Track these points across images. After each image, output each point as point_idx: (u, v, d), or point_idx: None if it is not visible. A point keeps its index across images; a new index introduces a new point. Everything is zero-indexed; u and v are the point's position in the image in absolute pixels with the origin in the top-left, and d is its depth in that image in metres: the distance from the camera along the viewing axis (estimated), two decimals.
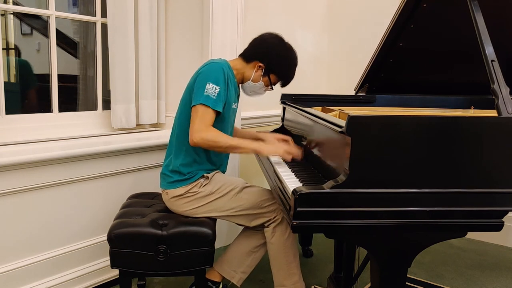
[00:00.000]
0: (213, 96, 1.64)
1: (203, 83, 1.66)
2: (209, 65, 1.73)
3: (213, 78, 1.67)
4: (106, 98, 2.26)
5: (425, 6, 1.77)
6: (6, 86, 1.90)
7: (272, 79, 1.83)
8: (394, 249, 1.31)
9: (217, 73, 1.68)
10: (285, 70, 1.83)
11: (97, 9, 2.23)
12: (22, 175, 1.76)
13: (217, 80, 1.67)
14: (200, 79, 1.69)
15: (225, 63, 1.76)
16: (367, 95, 2.27)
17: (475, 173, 1.25)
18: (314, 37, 3.37)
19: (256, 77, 1.82)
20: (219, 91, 1.66)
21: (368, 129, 1.20)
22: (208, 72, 1.69)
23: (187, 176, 1.74)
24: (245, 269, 1.87)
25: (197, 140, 1.62)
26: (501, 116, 1.28)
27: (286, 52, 1.81)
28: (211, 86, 1.65)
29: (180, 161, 1.75)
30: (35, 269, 1.86)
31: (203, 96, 1.64)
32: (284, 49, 1.81)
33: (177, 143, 1.77)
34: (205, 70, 1.71)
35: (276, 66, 1.81)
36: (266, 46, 1.80)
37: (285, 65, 1.82)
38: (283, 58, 1.81)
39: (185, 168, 1.74)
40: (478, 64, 1.46)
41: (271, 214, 1.73)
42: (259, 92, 1.89)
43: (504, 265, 2.52)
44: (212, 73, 1.68)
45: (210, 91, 1.64)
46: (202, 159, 1.76)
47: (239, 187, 1.75)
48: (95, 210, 2.06)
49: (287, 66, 1.83)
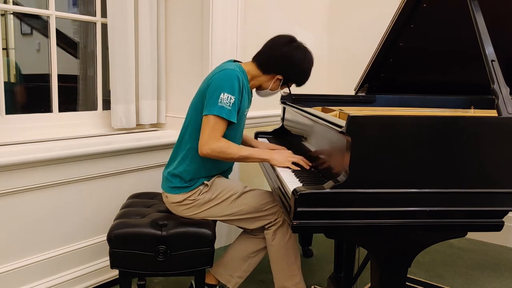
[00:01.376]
0: (228, 107, 1.59)
1: (218, 92, 1.60)
2: (223, 71, 1.65)
3: (228, 87, 1.60)
4: (106, 98, 2.26)
5: (425, 6, 1.77)
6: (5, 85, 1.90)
7: (290, 85, 1.82)
8: (394, 249, 1.31)
9: (231, 82, 1.61)
10: (303, 77, 1.79)
11: (97, 9, 2.23)
12: (22, 175, 1.76)
13: (232, 90, 1.61)
14: (214, 87, 1.62)
15: (240, 69, 1.69)
16: (367, 95, 2.27)
17: (475, 173, 1.25)
18: (314, 37, 3.37)
19: (274, 87, 1.79)
20: (234, 101, 1.61)
21: (368, 129, 1.20)
22: (223, 80, 1.62)
23: (188, 184, 1.71)
24: (241, 274, 1.85)
25: (208, 151, 1.59)
26: (501, 116, 1.28)
27: (305, 60, 1.74)
28: (226, 96, 1.59)
29: (185, 167, 1.71)
30: (35, 269, 1.86)
31: (217, 106, 1.58)
32: (303, 57, 1.73)
33: (185, 149, 1.73)
34: (219, 78, 1.64)
35: (296, 76, 1.77)
36: (285, 59, 1.72)
37: (304, 72, 1.77)
38: (303, 68, 1.75)
39: (187, 174, 1.71)
40: (478, 64, 1.46)
41: (272, 217, 1.72)
42: (273, 94, 1.87)
43: (504, 265, 2.52)
44: (226, 82, 1.61)
45: (225, 102, 1.59)
46: (208, 165, 1.73)
47: (238, 192, 1.73)
48: (95, 210, 2.06)
49: (306, 72, 1.78)
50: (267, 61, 1.75)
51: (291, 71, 1.75)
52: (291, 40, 1.74)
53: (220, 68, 1.70)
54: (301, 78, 1.79)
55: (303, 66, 1.75)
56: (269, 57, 1.74)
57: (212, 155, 1.61)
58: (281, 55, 1.72)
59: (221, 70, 1.66)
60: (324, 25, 3.45)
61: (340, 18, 3.42)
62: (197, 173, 1.72)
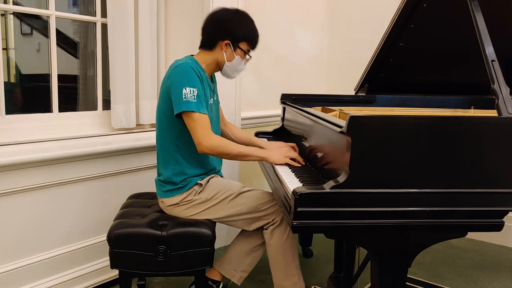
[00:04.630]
0: (193, 100, 1.59)
1: (179, 89, 1.59)
2: (177, 67, 1.65)
3: (187, 80, 1.60)
4: (106, 98, 2.26)
5: (425, 6, 1.77)
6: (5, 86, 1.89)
7: (243, 47, 1.76)
8: (394, 249, 1.31)
9: (188, 75, 1.62)
10: (248, 31, 1.76)
11: (97, 9, 2.23)
12: (22, 175, 1.76)
13: (192, 82, 1.61)
14: (175, 85, 1.61)
15: (191, 60, 1.70)
16: (367, 95, 2.28)
17: (475, 173, 1.25)
18: (314, 37, 3.37)
19: (229, 56, 1.75)
20: (198, 93, 1.60)
21: (368, 129, 1.20)
22: (180, 75, 1.62)
23: (180, 185, 1.72)
24: (245, 268, 1.87)
25: (206, 148, 1.60)
26: (501, 116, 1.28)
27: (238, 15, 1.75)
28: (189, 90, 1.59)
29: (171, 172, 1.72)
30: (35, 269, 1.86)
31: (183, 102, 1.58)
32: (234, 13, 1.75)
33: (163, 154, 1.75)
34: (175, 74, 1.63)
35: (238, 33, 1.74)
36: (218, 23, 1.73)
37: (245, 27, 1.75)
38: (239, 22, 1.74)
39: (176, 177, 1.72)
40: (478, 64, 1.46)
41: (270, 217, 1.72)
42: (240, 68, 1.81)
43: (504, 265, 2.52)
44: (184, 76, 1.61)
45: (189, 96, 1.58)
46: (192, 165, 1.74)
47: (236, 192, 1.73)
48: (95, 210, 2.06)
49: (247, 26, 1.76)
50: (206, 36, 1.76)
51: (229, 29, 1.73)
52: (216, 9, 1.78)
53: (173, 65, 1.69)
54: (246, 33, 1.75)
55: (237, 19, 1.74)
56: (206, 32, 1.76)
57: (210, 151, 1.62)
58: (212, 22, 1.75)
59: (175, 67, 1.66)
60: (324, 25, 3.45)
61: (340, 18, 3.42)
62: (185, 172, 1.73)
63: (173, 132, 1.71)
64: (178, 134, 1.70)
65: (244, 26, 1.75)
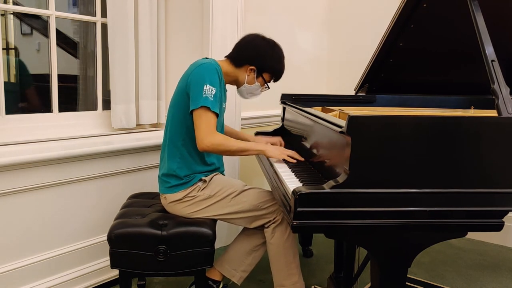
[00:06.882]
0: (211, 98, 1.63)
1: (200, 85, 1.64)
2: (202, 65, 1.71)
3: (209, 79, 1.65)
4: (106, 98, 2.26)
5: (425, 6, 1.77)
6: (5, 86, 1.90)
7: (265, 77, 1.85)
8: (394, 249, 1.31)
9: (211, 74, 1.67)
10: (276, 66, 1.85)
11: (97, 9, 2.23)
12: (22, 175, 1.76)
13: (213, 82, 1.66)
14: (196, 81, 1.66)
15: (216, 63, 1.75)
16: (367, 95, 2.28)
17: (475, 173, 1.25)
18: (314, 37, 3.37)
19: (250, 80, 1.84)
20: (215, 93, 1.65)
21: (368, 129, 1.20)
22: (203, 73, 1.67)
23: (184, 180, 1.74)
24: (246, 268, 1.87)
25: (207, 145, 1.62)
26: (501, 116, 1.28)
27: (273, 49, 1.83)
28: (208, 88, 1.64)
29: (176, 165, 1.75)
30: (35, 269, 1.86)
31: (202, 98, 1.63)
32: (270, 46, 1.83)
33: (171, 147, 1.77)
34: (199, 71, 1.69)
35: (267, 65, 1.82)
36: (253, 49, 1.81)
37: (274, 61, 1.84)
38: (271, 56, 1.83)
39: (181, 171, 1.74)
40: (478, 64, 1.46)
41: (271, 215, 1.73)
42: (256, 93, 1.90)
43: (504, 265, 2.52)
44: (207, 74, 1.67)
45: (208, 93, 1.63)
46: (197, 160, 1.77)
47: (238, 190, 1.75)
48: (95, 210, 2.06)
49: (277, 61, 1.84)
50: (237, 54, 1.83)
51: (261, 59, 1.80)
52: (257, 35, 1.85)
53: (197, 64, 1.74)
54: (274, 67, 1.84)
55: (271, 52, 1.82)
56: (239, 50, 1.84)
57: (211, 149, 1.64)
58: (249, 45, 1.82)
59: (199, 65, 1.72)
60: (324, 25, 3.45)
61: (340, 18, 3.42)
62: (190, 167, 1.75)
63: (183, 128, 1.74)
64: (188, 130, 1.73)
65: (274, 60, 1.84)
